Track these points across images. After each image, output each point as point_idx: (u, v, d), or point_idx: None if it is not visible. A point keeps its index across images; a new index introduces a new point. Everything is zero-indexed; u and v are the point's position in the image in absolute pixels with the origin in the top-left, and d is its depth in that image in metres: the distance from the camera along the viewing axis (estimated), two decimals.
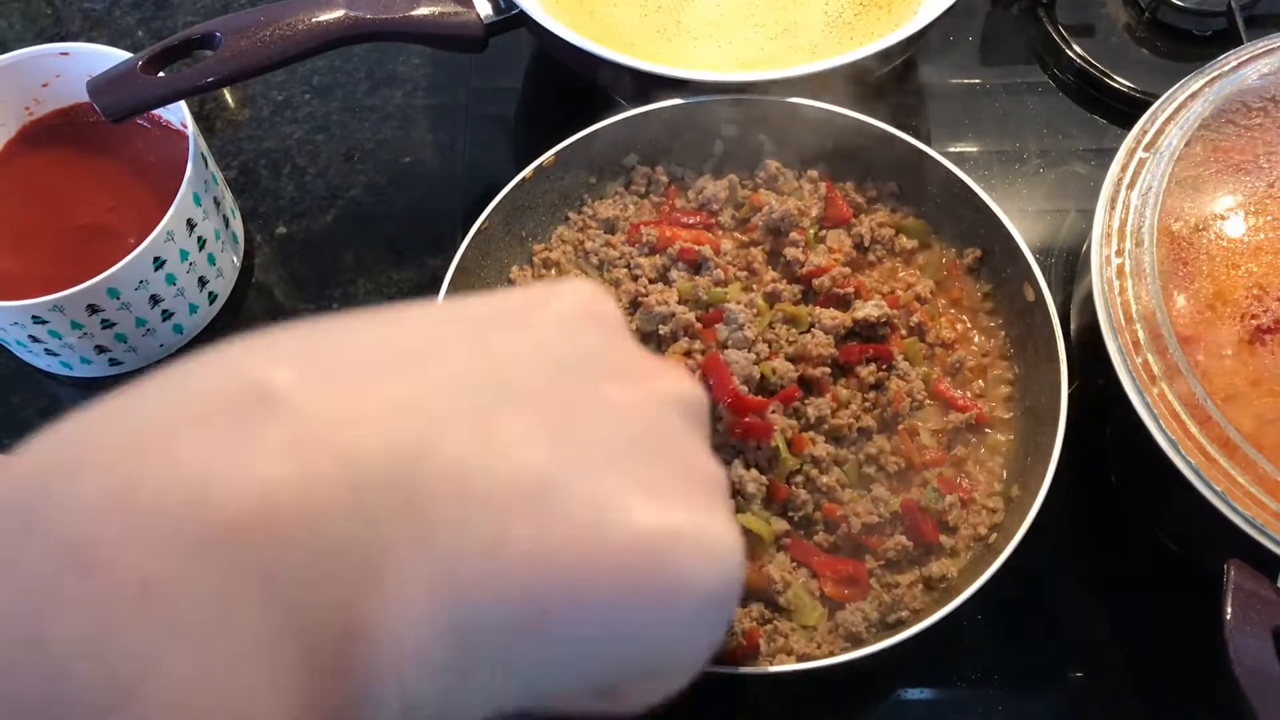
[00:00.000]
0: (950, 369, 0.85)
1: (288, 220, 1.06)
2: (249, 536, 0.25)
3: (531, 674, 0.29)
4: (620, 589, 0.29)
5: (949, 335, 0.87)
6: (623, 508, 0.30)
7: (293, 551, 0.25)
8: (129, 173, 0.98)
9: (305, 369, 0.29)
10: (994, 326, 0.88)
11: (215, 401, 0.27)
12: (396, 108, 1.12)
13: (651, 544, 0.30)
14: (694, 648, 0.33)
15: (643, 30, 1.00)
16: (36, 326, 0.87)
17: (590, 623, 0.29)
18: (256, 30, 0.85)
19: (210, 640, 0.24)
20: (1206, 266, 0.76)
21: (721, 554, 0.31)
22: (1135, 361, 0.74)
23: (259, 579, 0.24)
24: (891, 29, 0.96)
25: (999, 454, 0.83)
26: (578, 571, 0.28)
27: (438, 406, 0.29)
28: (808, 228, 0.89)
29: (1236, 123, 0.81)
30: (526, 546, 0.28)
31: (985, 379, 0.86)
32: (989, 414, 0.84)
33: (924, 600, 0.78)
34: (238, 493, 0.25)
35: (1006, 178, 1.05)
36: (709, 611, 0.31)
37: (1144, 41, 1.10)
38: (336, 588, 0.26)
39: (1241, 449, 0.70)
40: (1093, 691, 0.84)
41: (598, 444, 0.31)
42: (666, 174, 0.94)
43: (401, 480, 0.27)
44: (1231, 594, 0.67)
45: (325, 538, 0.25)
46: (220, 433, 0.26)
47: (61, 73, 0.96)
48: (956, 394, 0.84)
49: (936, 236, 0.91)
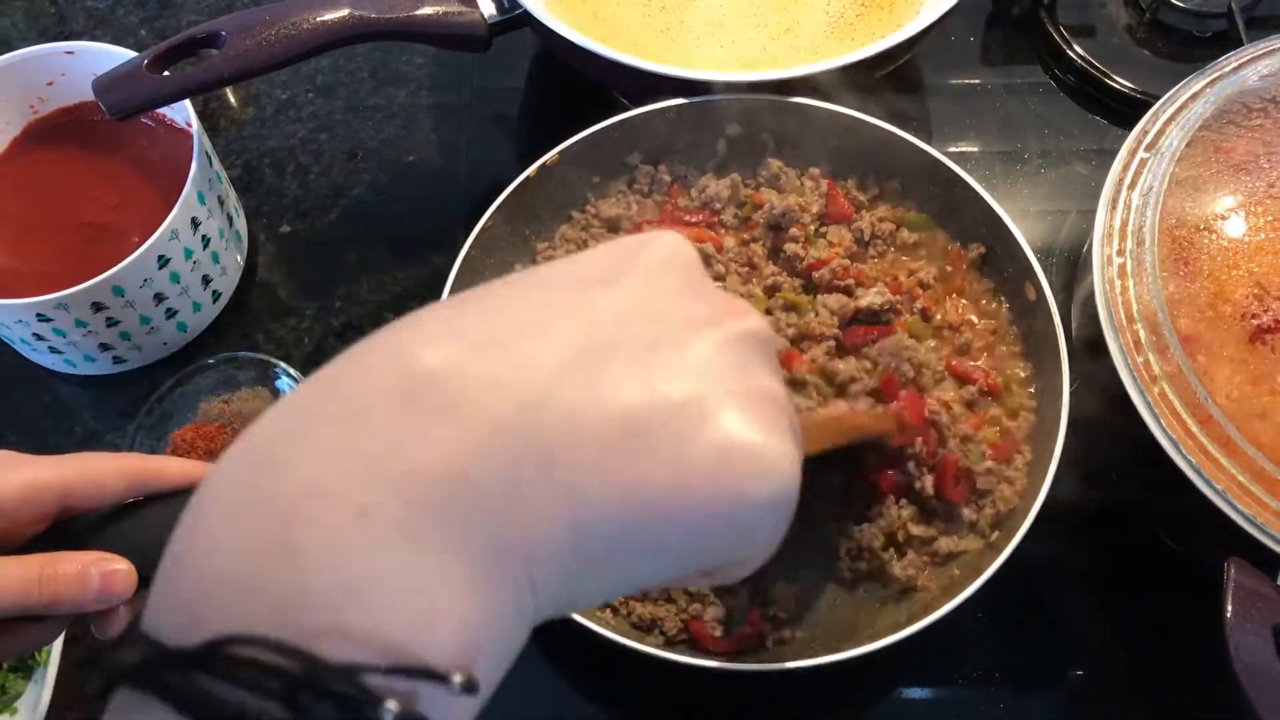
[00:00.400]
0: (960, 349, 0.86)
1: (291, 219, 1.06)
2: (427, 480, 0.34)
3: (637, 569, 0.38)
4: (697, 503, 0.37)
5: (955, 319, 0.88)
6: (699, 437, 0.37)
7: (461, 489, 0.34)
8: (133, 171, 0.98)
9: (450, 348, 0.37)
10: (999, 310, 0.89)
11: (388, 379, 0.36)
12: (400, 107, 1.12)
13: (720, 466, 0.37)
14: (762, 544, 0.41)
15: (646, 30, 1.01)
16: (41, 324, 0.87)
17: (676, 531, 0.37)
18: (261, 29, 0.86)
19: (405, 554, 0.33)
20: (1207, 266, 0.76)
21: (776, 470, 0.39)
22: (1136, 361, 0.74)
23: (438, 511, 0.34)
24: (893, 29, 0.97)
25: (1023, 430, 0.84)
26: (666, 491, 0.36)
27: (554, 364, 0.37)
28: (808, 223, 0.89)
29: (1237, 123, 0.81)
30: (625, 472, 0.36)
31: (993, 355, 0.87)
32: (1002, 385, 0.85)
33: (928, 576, 0.79)
34: (418, 450, 0.34)
35: (1008, 178, 1.06)
36: (769, 517, 0.39)
37: (1144, 42, 1.10)
38: (492, 515, 0.34)
39: (1242, 448, 0.70)
40: (1093, 690, 0.84)
41: (679, 381, 0.38)
42: (669, 173, 0.94)
43: (527, 429, 0.35)
44: (1232, 592, 0.67)
45: (482, 480, 0.34)
46: (398, 407, 0.35)
47: (66, 71, 0.97)
48: (970, 366, 0.85)
49: (939, 229, 0.92)
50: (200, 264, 0.93)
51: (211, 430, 0.91)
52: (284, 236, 1.05)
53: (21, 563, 0.62)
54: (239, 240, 1.01)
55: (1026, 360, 0.86)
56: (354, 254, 1.04)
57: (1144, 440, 0.73)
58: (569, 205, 0.94)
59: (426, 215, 1.06)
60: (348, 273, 1.03)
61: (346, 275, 1.03)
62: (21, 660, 0.83)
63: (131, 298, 0.88)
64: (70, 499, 0.66)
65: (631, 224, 0.91)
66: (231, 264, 1.00)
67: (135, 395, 0.97)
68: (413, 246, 1.04)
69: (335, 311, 1.01)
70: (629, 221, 0.92)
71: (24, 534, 0.65)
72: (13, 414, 0.98)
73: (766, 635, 0.78)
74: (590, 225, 0.93)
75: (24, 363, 0.99)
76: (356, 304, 1.01)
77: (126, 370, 0.97)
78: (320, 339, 0.99)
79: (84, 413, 0.97)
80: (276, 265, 1.04)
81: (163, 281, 0.90)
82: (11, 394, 0.98)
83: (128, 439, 0.91)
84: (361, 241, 1.05)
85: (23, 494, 0.64)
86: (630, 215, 0.92)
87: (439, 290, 0.84)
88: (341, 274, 1.03)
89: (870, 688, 0.86)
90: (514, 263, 0.91)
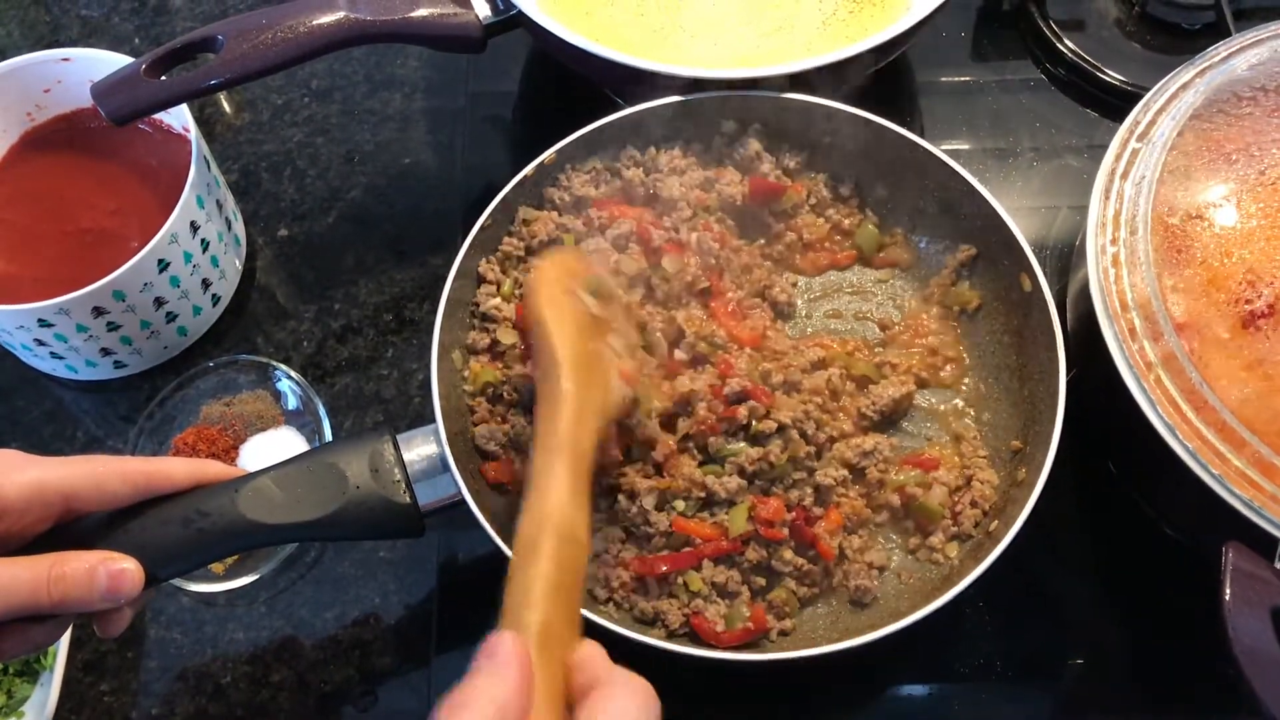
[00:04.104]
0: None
1: (289, 222, 1.07)
2: None
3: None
4: None
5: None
6: None
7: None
8: (131, 176, 0.98)
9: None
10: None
11: None
12: (396, 110, 1.13)
13: None
14: None
15: (639, 29, 1.01)
16: (42, 330, 0.88)
17: None
18: (258, 33, 0.86)
19: None
20: (1200, 253, 0.77)
21: None
22: (1132, 349, 0.75)
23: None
24: (884, 26, 0.97)
25: (969, 418, 0.87)
26: None
27: None
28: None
29: (1227, 112, 0.82)
30: None
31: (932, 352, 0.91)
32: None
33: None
34: None
35: (1001, 172, 1.06)
36: None
37: (1134, 35, 1.11)
38: None
39: (1238, 432, 0.71)
40: (1093, 677, 0.85)
41: None
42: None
43: None
44: (1230, 575, 0.68)
45: None
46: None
47: (63, 78, 0.97)
48: None
49: (893, 236, 0.95)
50: (200, 268, 0.94)
51: (213, 433, 0.91)
52: (282, 240, 1.06)
53: (31, 563, 0.62)
54: (237, 244, 1.02)
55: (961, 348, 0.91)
56: (352, 256, 1.04)
57: (1140, 427, 0.74)
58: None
59: (423, 217, 1.06)
60: (346, 275, 1.03)
61: (344, 277, 1.03)
62: (26, 663, 0.84)
63: (132, 302, 0.89)
64: (75, 501, 0.66)
65: (594, 203, 0.91)
66: (230, 268, 1.00)
67: (136, 400, 0.97)
68: (410, 248, 1.04)
69: (334, 313, 1.01)
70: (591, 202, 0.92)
71: (29, 533, 0.66)
72: (14, 420, 0.98)
73: (771, 629, 0.79)
74: (562, 201, 0.92)
75: (25, 369, 0.99)
76: (355, 306, 1.02)
77: (127, 375, 0.98)
78: (320, 341, 1.00)
79: (85, 418, 0.98)
80: (275, 268, 1.04)
81: (163, 285, 0.90)
82: (13, 400, 0.99)
83: (129, 444, 0.91)
84: (359, 244, 1.05)
85: (29, 494, 0.64)
86: (599, 194, 0.92)
87: (437, 291, 0.84)
88: (339, 276, 1.03)
89: (871, 678, 0.86)
90: None
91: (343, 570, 0.90)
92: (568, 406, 0.69)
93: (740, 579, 0.79)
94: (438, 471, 0.76)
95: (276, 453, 0.91)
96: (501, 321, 0.88)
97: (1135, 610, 0.87)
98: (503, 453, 0.84)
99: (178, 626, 0.88)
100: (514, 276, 0.89)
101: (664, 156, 0.92)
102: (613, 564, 0.80)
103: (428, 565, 0.89)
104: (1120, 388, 0.75)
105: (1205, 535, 0.78)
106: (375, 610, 0.88)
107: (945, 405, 0.89)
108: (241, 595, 0.89)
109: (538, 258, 0.85)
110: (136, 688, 0.86)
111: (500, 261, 0.90)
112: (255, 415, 0.94)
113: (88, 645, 0.87)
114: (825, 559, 0.80)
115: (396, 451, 0.76)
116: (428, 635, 0.87)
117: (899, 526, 0.84)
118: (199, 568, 0.75)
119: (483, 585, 0.88)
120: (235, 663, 0.87)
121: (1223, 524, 0.71)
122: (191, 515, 0.69)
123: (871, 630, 0.72)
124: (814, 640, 0.78)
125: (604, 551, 0.80)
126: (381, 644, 0.87)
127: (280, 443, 0.92)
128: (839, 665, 0.74)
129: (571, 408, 0.69)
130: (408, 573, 0.89)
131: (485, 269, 0.89)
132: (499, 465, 0.83)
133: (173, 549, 0.69)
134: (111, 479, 0.67)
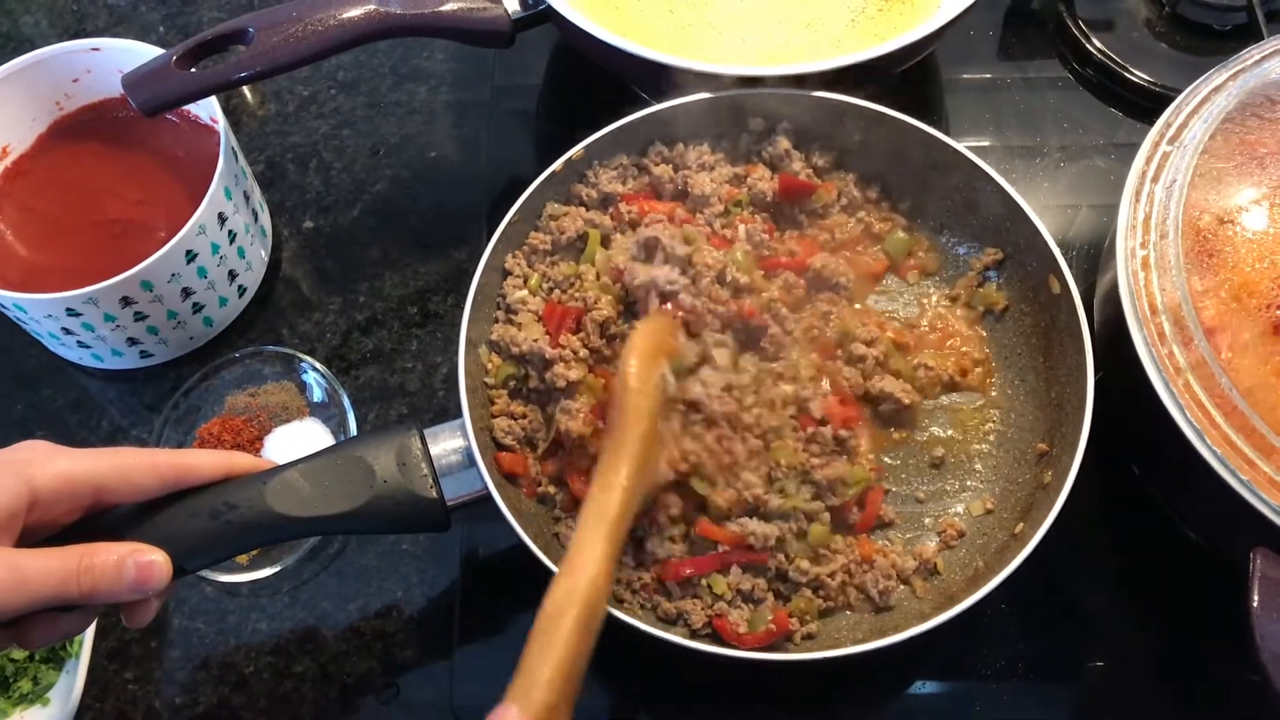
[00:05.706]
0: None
1: (314, 214, 1.07)
2: None
3: None
4: None
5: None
6: None
7: None
8: (158, 167, 0.99)
9: None
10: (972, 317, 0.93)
11: None
12: (421, 103, 1.13)
13: None
14: None
15: (668, 24, 1.01)
16: (70, 319, 0.88)
17: None
18: (288, 25, 0.86)
19: None
20: (1231, 258, 0.76)
21: None
22: (1161, 353, 0.75)
23: None
24: (913, 25, 0.97)
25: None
26: None
27: None
28: None
29: (1260, 116, 0.81)
30: None
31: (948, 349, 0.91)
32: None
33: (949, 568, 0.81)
34: None
35: (1027, 172, 1.06)
36: None
37: (1164, 36, 1.10)
38: None
39: (1267, 438, 0.70)
40: (1115, 680, 0.85)
41: None
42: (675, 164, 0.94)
43: None
44: (1258, 582, 0.67)
45: None
46: None
47: (92, 68, 0.98)
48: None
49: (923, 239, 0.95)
50: (226, 259, 0.94)
51: (238, 423, 0.92)
52: (307, 232, 1.06)
53: (61, 554, 0.63)
54: (263, 236, 1.02)
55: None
56: (377, 249, 1.05)
57: (1168, 431, 0.73)
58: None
59: (448, 210, 1.07)
60: (371, 267, 1.04)
61: (369, 270, 1.03)
62: (52, 651, 0.84)
63: (160, 292, 0.89)
64: (104, 493, 0.66)
65: (623, 198, 0.91)
66: (256, 259, 1.00)
67: (161, 390, 0.97)
68: (435, 241, 1.05)
69: (359, 305, 1.02)
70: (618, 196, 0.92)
71: (58, 524, 0.66)
72: (40, 409, 0.98)
73: (795, 632, 0.79)
74: (589, 197, 0.92)
75: (51, 358, 0.99)
76: (380, 298, 1.02)
77: (153, 365, 0.98)
78: (344, 333, 1.00)
79: (111, 407, 0.98)
80: (300, 260, 1.04)
81: (190, 276, 0.91)
82: (39, 389, 0.99)
83: (154, 433, 0.91)
84: (384, 236, 1.05)
85: (59, 485, 0.64)
86: (626, 189, 0.92)
87: (461, 284, 0.84)
88: (364, 268, 1.04)
89: (893, 678, 0.86)
90: None
91: (366, 562, 0.90)
92: (626, 494, 0.71)
93: (766, 586, 0.79)
94: (464, 466, 0.77)
95: (301, 444, 0.91)
96: (525, 316, 0.87)
97: (1157, 613, 0.87)
98: (518, 446, 0.84)
99: (201, 616, 0.89)
100: (541, 270, 0.89)
101: (692, 153, 0.92)
102: (633, 566, 0.80)
103: (450, 558, 0.89)
104: (1148, 391, 0.74)
105: (1230, 540, 0.78)
106: (398, 602, 0.89)
107: (970, 406, 0.89)
108: (265, 586, 0.89)
109: (639, 321, 0.82)
110: (160, 676, 0.87)
111: (526, 256, 0.90)
112: (280, 406, 0.94)
113: (112, 634, 0.88)
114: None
115: (423, 446, 0.76)
116: (450, 628, 0.87)
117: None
118: (226, 559, 0.76)
119: (505, 578, 0.89)
120: (258, 653, 0.87)
121: (1250, 530, 0.71)
122: (220, 508, 0.70)
123: (896, 632, 0.72)
124: (837, 642, 0.78)
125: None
126: (404, 636, 0.87)
127: (305, 434, 0.92)
128: (860, 665, 0.73)
129: (629, 494, 0.72)
130: (430, 565, 0.90)
131: (512, 264, 0.89)
132: (513, 457, 0.83)
133: (200, 541, 0.69)
134: (141, 472, 0.67)
